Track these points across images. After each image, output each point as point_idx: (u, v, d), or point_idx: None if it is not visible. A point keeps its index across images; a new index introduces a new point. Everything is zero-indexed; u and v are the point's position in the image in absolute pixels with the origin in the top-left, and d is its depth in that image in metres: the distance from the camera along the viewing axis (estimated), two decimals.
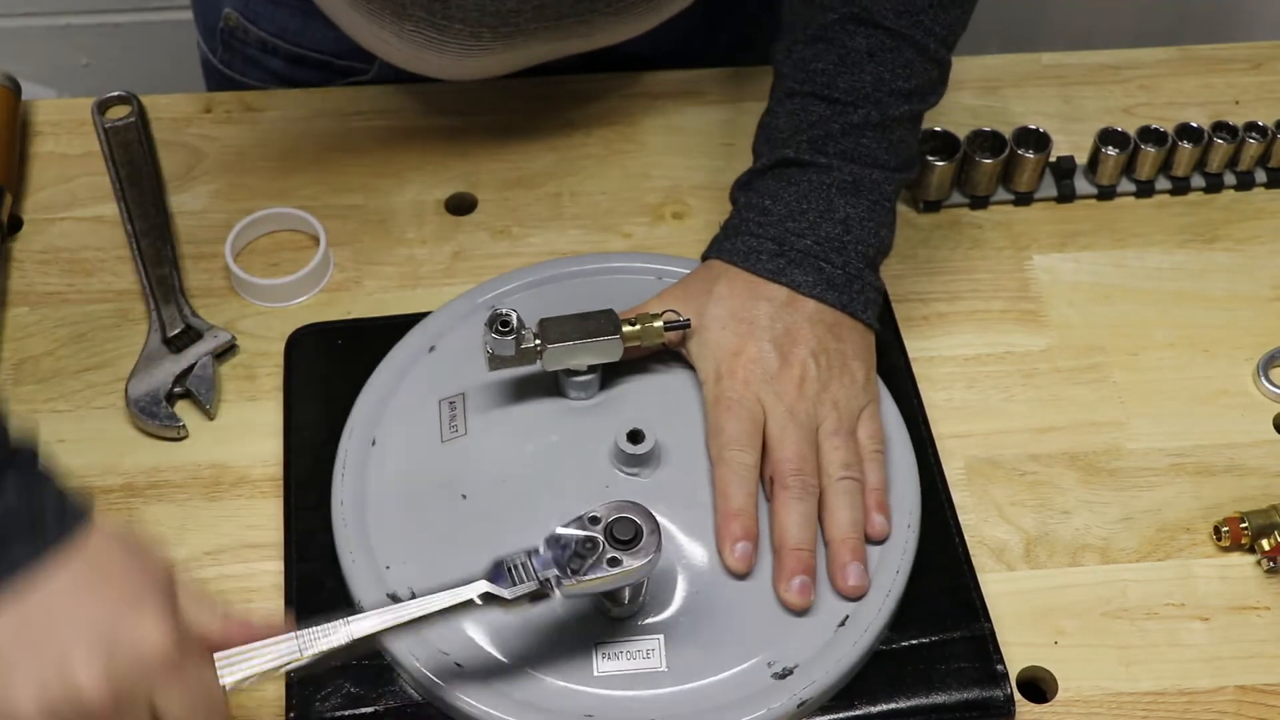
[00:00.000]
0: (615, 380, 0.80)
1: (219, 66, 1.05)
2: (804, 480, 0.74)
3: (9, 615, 0.57)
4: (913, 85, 0.81)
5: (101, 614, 0.58)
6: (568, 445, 0.78)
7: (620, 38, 0.92)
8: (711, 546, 0.74)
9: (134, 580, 0.60)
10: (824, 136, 0.80)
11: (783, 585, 0.72)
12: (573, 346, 0.76)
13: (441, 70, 0.91)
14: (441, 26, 0.84)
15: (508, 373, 0.79)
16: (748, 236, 0.80)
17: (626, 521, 0.66)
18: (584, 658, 0.71)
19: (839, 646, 0.72)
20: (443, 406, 0.80)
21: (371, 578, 0.74)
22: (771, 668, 0.71)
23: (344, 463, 0.78)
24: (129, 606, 0.59)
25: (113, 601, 0.59)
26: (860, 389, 0.78)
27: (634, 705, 0.70)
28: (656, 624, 0.72)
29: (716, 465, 0.76)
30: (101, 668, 0.57)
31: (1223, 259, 0.93)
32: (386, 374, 0.82)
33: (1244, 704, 0.74)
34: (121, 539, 0.61)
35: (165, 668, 0.59)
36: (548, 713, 0.69)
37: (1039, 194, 0.96)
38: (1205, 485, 0.82)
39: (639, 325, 0.78)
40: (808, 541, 0.73)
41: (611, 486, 0.75)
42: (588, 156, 0.98)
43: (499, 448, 0.78)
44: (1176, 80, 1.04)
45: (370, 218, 0.94)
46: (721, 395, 0.77)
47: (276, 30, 1.00)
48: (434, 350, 0.83)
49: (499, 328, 0.75)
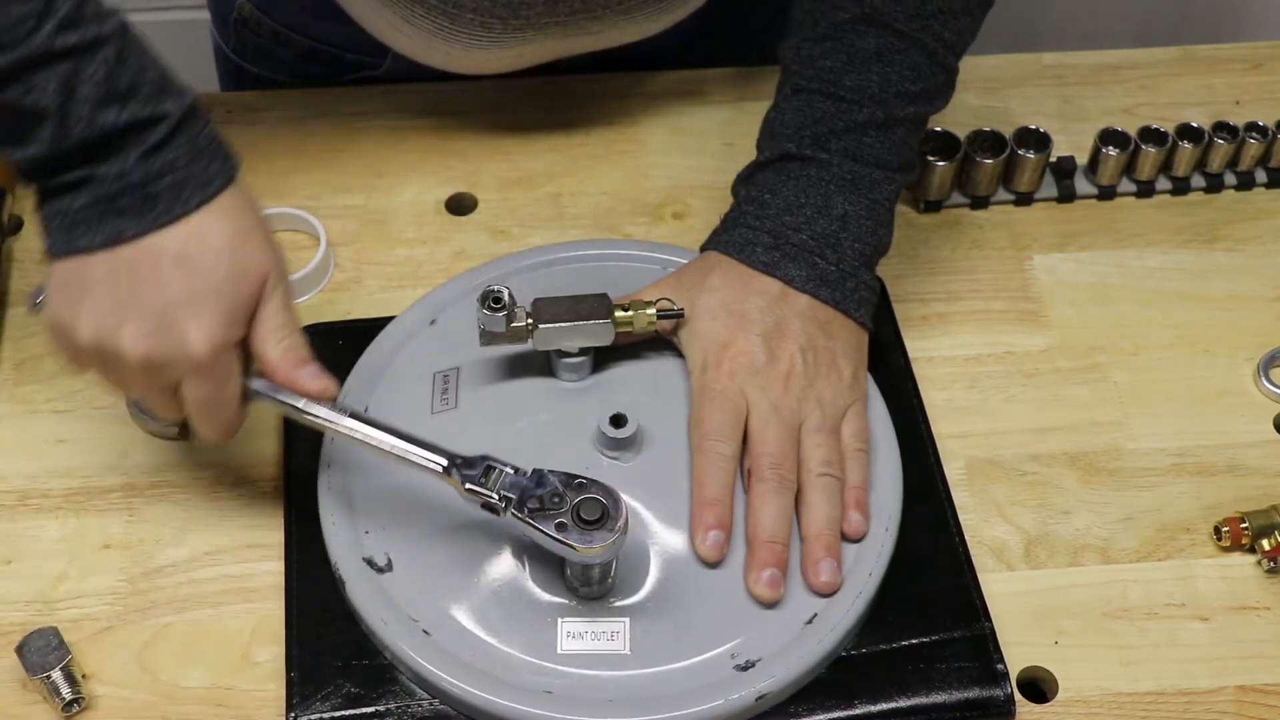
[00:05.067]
0: (608, 365, 0.80)
1: (231, 56, 1.05)
2: (781, 475, 0.75)
3: (105, 259, 0.66)
4: (918, 88, 0.81)
5: (165, 299, 0.66)
6: (554, 425, 0.78)
7: (631, 37, 0.92)
8: (685, 534, 0.74)
9: (213, 278, 0.67)
10: (827, 133, 0.80)
11: (753, 577, 0.73)
12: (564, 328, 0.77)
13: (451, 62, 0.91)
14: (453, 15, 0.85)
15: (501, 350, 0.79)
16: (744, 229, 0.81)
17: (592, 503, 0.67)
18: (549, 634, 0.71)
19: (804, 643, 0.72)
20: (436, 379, 0.80)
21: (350, 541, 0.74)
22: (735, 659, 0.71)
23: None
24: (191, 303, 0.66)
25: (183, 291, 0.66)
26: (847, 387, 0.78)
27: (594, 685, 0.70)
28: (624, 607, 0.72)
29: (695, 454, 0.76)
30: (145, 342, 0.66)
31: (1223, 259, 0.93)
32: (386, 343, 0.83)
33: (1244, 704, 0.74)
34: (233, 228, 0.68)
35: (195, 367, 0.67)
36: (508, 685, 0.70)
37: (1039, 194, 0.96)
38: (1205, 485, 0.82)
39: (632, 311, 0.78)
40: (781, 535, 0.73)
41: (592, 469, 0.75)
42: (588, 156, 0.98)
43: (486, 423, 0.78)
44: (1177, 80, 1.04)
45: (370, 218, 0.94)
46: (706, 386, 0.77)
47: (289, 22, 1.01)
48: (435, 323, 0.83)
49: (491, 304, 0.76)
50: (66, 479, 0.80)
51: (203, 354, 0.67)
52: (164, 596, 0.76)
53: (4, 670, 0.73)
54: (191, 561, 0.77)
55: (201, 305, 0.66)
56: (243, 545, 0.78)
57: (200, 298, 0.66)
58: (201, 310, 0.66)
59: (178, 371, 0.68)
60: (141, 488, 0.80)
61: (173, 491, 0.80)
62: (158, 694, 0.73)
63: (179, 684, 0.73)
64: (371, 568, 0.74)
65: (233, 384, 0.69)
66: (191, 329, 0.66)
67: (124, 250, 0.66)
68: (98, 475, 0.81)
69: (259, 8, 1.01)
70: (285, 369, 0.70)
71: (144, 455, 0.82)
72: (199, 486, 0.80)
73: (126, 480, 0.81)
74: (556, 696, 0.69)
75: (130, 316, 0.66)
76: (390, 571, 0.74)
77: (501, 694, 0.69)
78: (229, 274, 0.67)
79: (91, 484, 0.80)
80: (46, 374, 0.85)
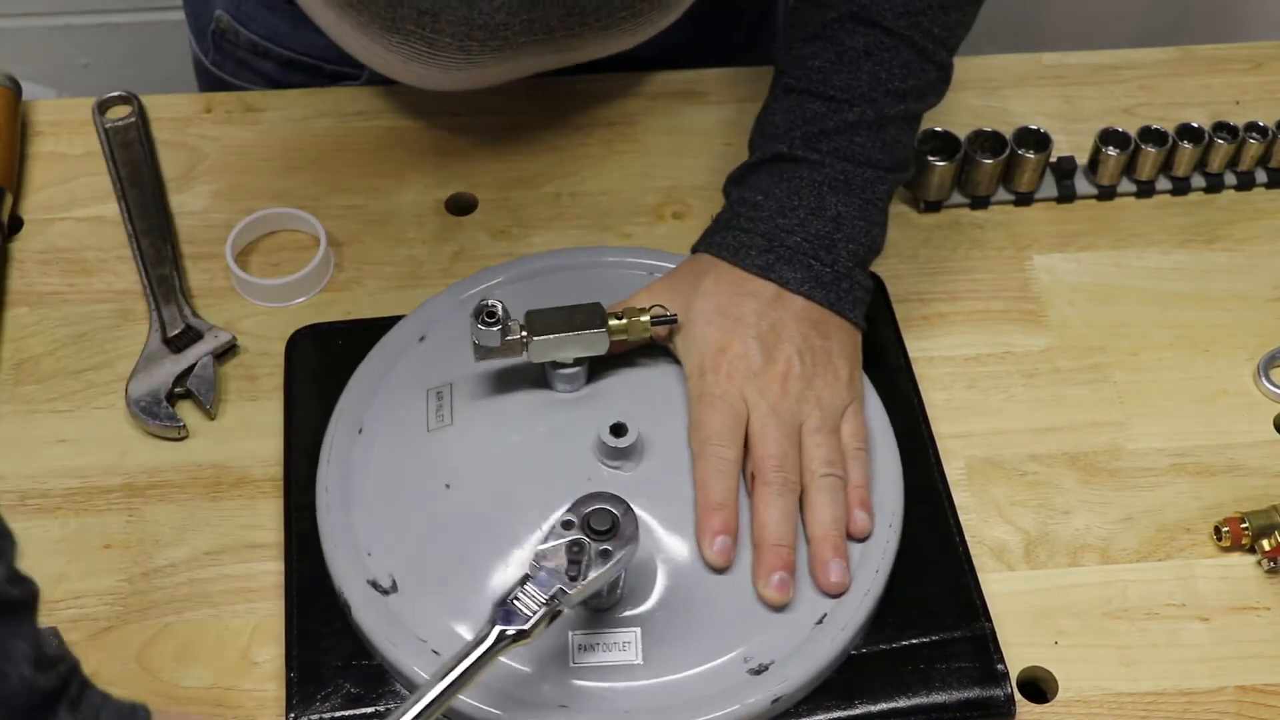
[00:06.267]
0: (603, 374, 0.80)
1: (210, 68, 1.05)
2: (785, 477, 0.75)
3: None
4: (909, 85, 0.81)
5: None
6: (553, 437, 0.78)
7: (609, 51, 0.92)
8: (691, 541, 0.74)
9: None
10: (818, 133, 0.80)
11: (762, 581, 0.73)
12: (558, 339, 0.76)
13: (430, 81, 0.90)
14: (431, 39, 0.84)
15: (495, 363, 0.79)
16: (738, 231, 0.80)
17: (601, 513, 0.67)
18: (561, 649, 0.71)
19: (816, 644, 0.72)
20: (430, 396, 0.80)
21: (353, 563, 0.74)
22: (748, 663, 0.71)
23: (330, 449, 0.78)
24: None
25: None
26: (844, 387, 0.78)
27: (609, 697, 0.70)
28: (634, 617, 0.72)
29: (698, 460, 0.76)
30: None
31: (1223, 259, 0.93)
32: (376, 362, 0.82)
33: (1244, 704, 0.74)
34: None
35: None
36: (522, 703, 0.69)
37: (1039, 194, 0.96)
38: (1205, 485, 0.82)
39: (625, 319, 0.78)
40: (788, 538, 0.73)
41: (594, 479, 0.75)
42: (588, 156, 0.98)
43: (484, 438, 0.78)
44: (1177, 80, 1.04)
45: (370, 218, 0.94)
46: (705, 390, 0.77)
47: (267, 33, 1.00)
48: (424, 340, 0.83)
49: (485, 318, 0.75)
50: (66, 479, 0.80)
51: None
52: (164, 596, 0.76)
53: None
54: (191, 561, 0.77)
55: None
56: (243, 545, 0.78)
57: None
58: None
59: None
60: (141, 488, 0.80)
61: (173, 491, 0.80)
62: (158, 694, 0.72)
63: (179, 684, 0.73)
64: (376, 590, 0.73)
65: None
66: None
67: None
68: (98, 475, 0.81)
69: (236, 20, 1.00)
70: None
71: (144, 455, 0.82)
72: (199, 486, 0.80)
73: (126, 480, 0.81)
74: (572, 710, 0.69)
75: None
76: (396, 593, 0.73)
77: (516, 712, 0.69)
78: None
79: (91, 484, 0.80)
80: (46, 374, 0.85)
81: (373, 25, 0.84)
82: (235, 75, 1.04)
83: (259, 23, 1.00)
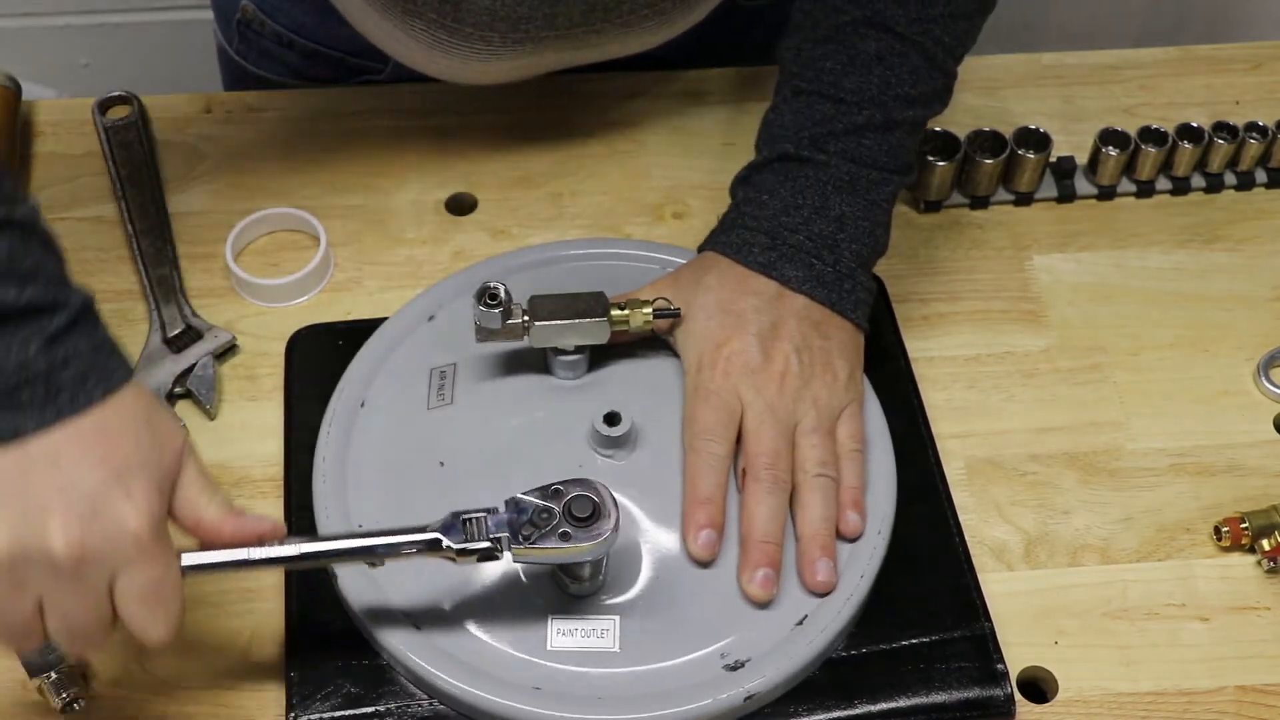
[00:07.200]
0: (604, 363, 0.81)
1: (235, 57, 1.05)
2: (776, 475, 0.75)
3: (12, 455, 0.60)
4: (918, 92, 0.81)
5: (93, 481, 0.60)
6: (549, 423, 0.78)
7: (630, 50, 0.92)
8: (677, 533, 0.74)
9: (137, 453, 0.62)
10: (826, 135, 0.81)
11: (746, 576, 0.73)
12: (560, 325, 0.77)
13: (450, 72, 0.91)
14: (452, 29, 0.84)
15: (498, 347, 0.80)
16: (742, 229, 0.81)
17: (585, 500, 0.67)
18: (539, 631, 0.71)
19: (794, 644, 0.72)
20: (433, 375, 0.81)
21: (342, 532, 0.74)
22: (724, 659, 0.71)
23: (330, 420, 0.79)
24: (120, 481, 0.61)
25: (108, 471, 0.61)
26: (842, 388, 0.78)
27: (582, 682, 0.70)
28: (615, 605, 0.72)
29: (688, 454, 0.76)
30: (77, 531, 0.59)
31: (1223, 259, 0.93)
32: (384, 338, 0.83)
33: (1244, 704, 0.74)
34: (142, 408, 0.63)
35: (135, 549, 0.61)
36: (496, 681, 0.70)
37: (1039, 194, 0.96)
38: (1205, 485, 0.82)
39: (628, 310, 0.78)
40: (775, 535, 0.73)
41: (586, 466, 0.76)
42: (588, 156, 0.98)
43: (482, 419, 0.79)
44: (1177, 80, 1.04)
45: (370, 218, 0.94)
46: (700, 385, 0.77)
47: (292, 25, 1.00)
48: (433, 319, 0.84)
49: (487, 300, 0.76)
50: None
51: (144, 529, 0.61)
52: None
53: (4, 670, 0.72)
54: None
55: (131, 482, 0.61)
56: None
57: (127, 474, 0.61)
58: (132, 486, 0.61)
59: (117, 559, 0.61)
60: None
61: None
62: (158, 694, 0.73)
63: (179, 684, 0.73)
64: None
65: (176, 563, 0.63)
66: (126, 507, 0.61)
67: (33, 444, 0.60)
68: None
69: (262, 10, 1.01)
70: (231, 523, 0.65)
71: None
72: None
73: None
74: (545, 693, 0.69)
75: (54, 509, 0.59)
76: (382, 565, 0.73)
77: (489, 689, 0.69)
78: (152, 446, 0.63)
79: None
80: None
81: (395, 10, 0.85)
82: (259, 66, 1.04)
83: (284, 14, 1.00)
